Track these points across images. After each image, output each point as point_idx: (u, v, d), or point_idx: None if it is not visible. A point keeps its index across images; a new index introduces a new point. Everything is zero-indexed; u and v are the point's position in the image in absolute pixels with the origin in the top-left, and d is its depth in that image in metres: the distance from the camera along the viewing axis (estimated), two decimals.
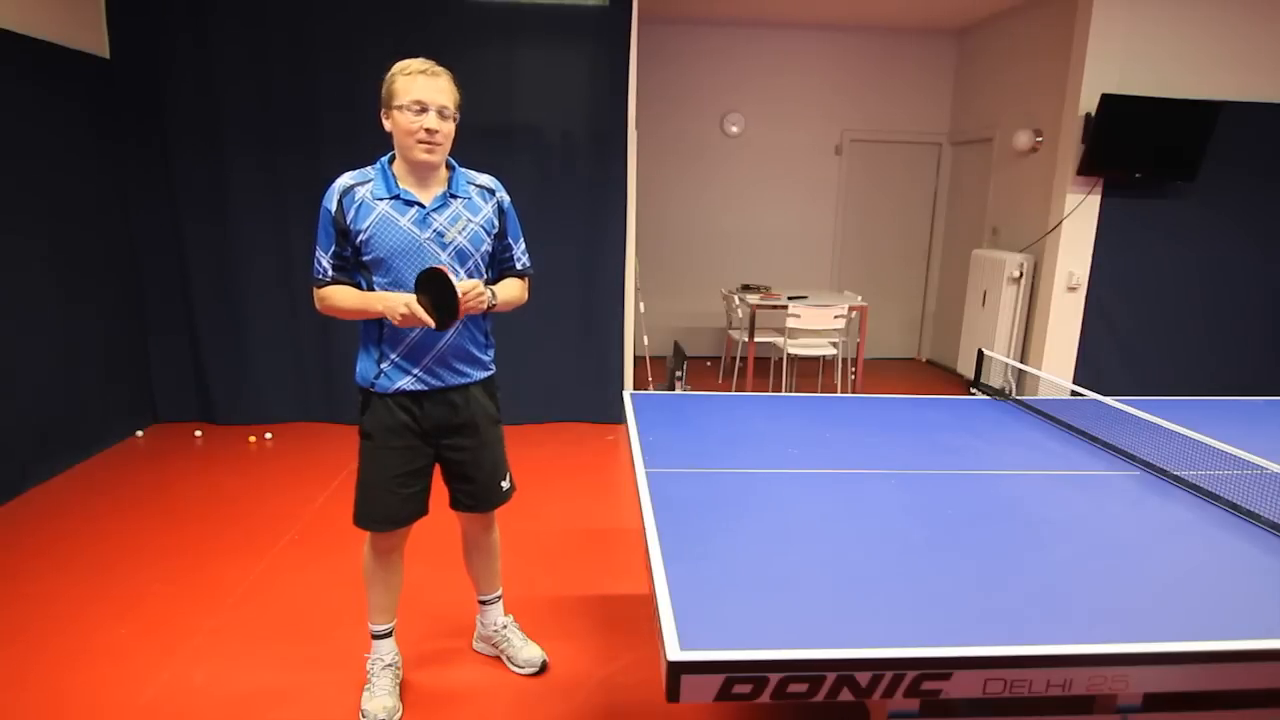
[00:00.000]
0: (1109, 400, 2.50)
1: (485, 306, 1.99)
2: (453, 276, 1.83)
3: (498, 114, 4.45)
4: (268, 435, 4.54)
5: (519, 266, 2.17)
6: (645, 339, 5.68)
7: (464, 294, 1.83)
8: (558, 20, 4.43)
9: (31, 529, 3.27)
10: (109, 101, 4.28)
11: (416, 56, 1.92)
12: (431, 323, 1.86)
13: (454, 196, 1.99)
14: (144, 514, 3.45)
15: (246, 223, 4.50)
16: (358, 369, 2.06)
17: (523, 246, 2.19)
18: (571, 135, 4.58)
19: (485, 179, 2.10)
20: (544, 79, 4.48)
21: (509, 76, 4.45)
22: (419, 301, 1.85)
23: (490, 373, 2.17)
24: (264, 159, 4.44)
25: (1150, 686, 1.23)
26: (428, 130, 1.88)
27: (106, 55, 4.26)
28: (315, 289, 2.00)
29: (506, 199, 2.12)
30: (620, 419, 4.78)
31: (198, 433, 4.58)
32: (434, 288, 1.84)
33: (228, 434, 4.56)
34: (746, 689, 1.13)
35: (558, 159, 4.60)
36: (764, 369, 6.25)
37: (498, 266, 2.14)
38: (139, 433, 4.53)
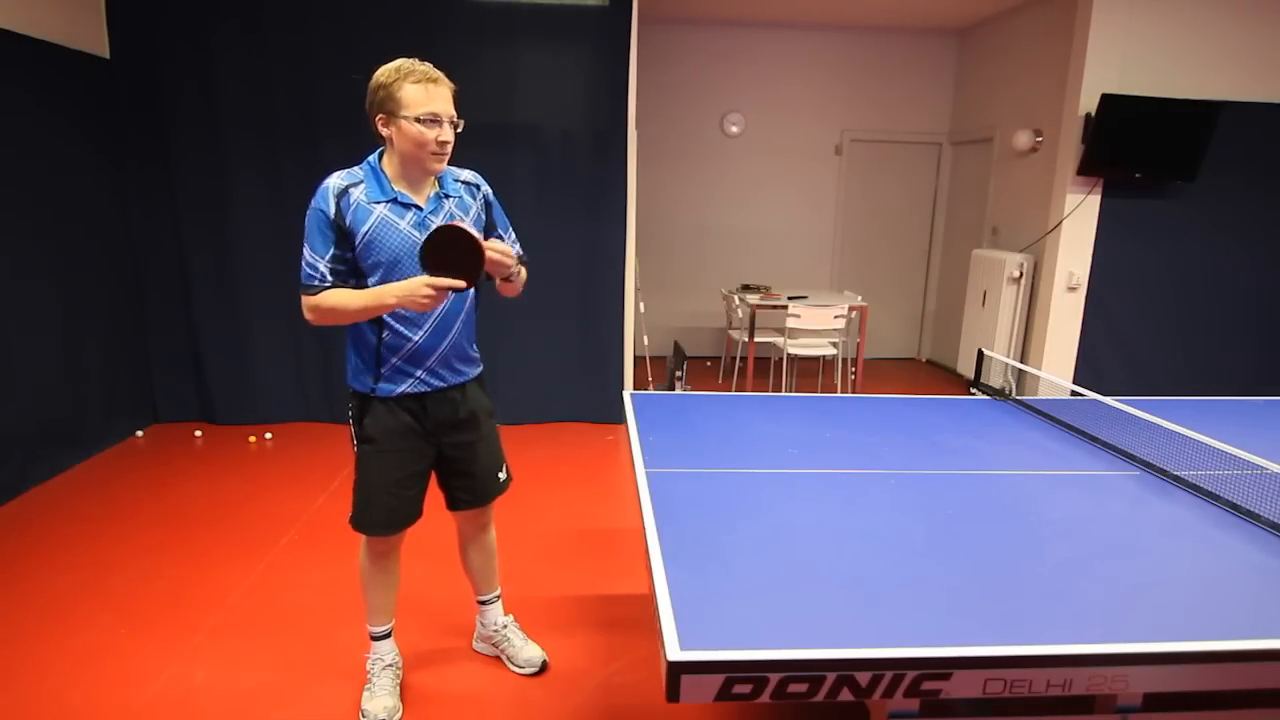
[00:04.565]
0: (1109, 400, 2.50)
1: (512, 266, 1.95)
2: (462, 224, 1.80)
3: (498, 114, 4.44)
4: (268, 435, 4.54)
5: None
6: (645, 339, 5.68)
7: (481, 241, 1.79)
8: (558, 20, 4.42)
9: (31, 529, 3.27)
10: (109, 101, 4.28)
11: (414, 56, 1.88)
12: (461, 284, 1.81)
13: (446, 196, 1.98)
14: (144, 514, 3.45)
15: (246, 222, 4.50)
16: (351, 376, 2.02)
17: (513, 234, 2.19)
18: (571, 135, 4.57)
19: (468, 174, 2.08)
20: (544, 79, 4.48)
21: (509, 76, 4.45)
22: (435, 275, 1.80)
23: (481, 369, 2.18)
24: (264, 158, 4.44)
25: (1150, 686, 1.23)
26: (441, 143, 1.86)
27: (106, 55, 4.26)
28: (308, 296, 1.89)
29: (490, 190, 2.11)
30: (620, 419, 4.78)
31: (198, 433, 4.58)
32: (441, 255, 1.79)
33: (228, 434, 4.56)
34: (746, 689, 1.13)
35: (558, 159, 4.59)
36: (764, 369, 6.25)
37: None
38: (139, 433, 4.52)
